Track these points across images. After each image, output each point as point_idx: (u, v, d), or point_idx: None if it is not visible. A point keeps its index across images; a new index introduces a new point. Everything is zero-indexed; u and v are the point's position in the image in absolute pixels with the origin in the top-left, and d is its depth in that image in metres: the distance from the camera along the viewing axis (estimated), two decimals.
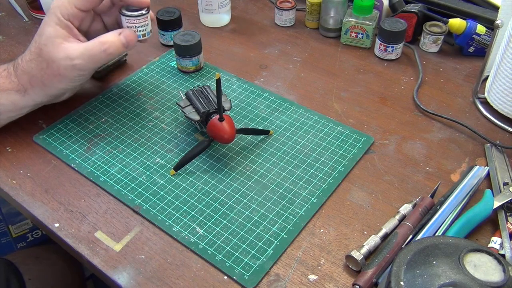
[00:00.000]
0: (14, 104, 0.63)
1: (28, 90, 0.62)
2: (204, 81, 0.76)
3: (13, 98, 0.62)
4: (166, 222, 0.56)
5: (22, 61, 0.62)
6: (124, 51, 0.63)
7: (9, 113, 0.64)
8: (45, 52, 0.60)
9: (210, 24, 0.89)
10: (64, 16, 0.60)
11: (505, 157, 0.62)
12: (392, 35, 0.77)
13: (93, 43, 0.61)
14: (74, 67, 0.61)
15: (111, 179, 0.61)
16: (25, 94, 0.62)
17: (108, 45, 0.60)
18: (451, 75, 0.77)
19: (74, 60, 0.60)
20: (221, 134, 0.58)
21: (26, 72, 0.61)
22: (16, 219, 0.98)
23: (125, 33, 0.62)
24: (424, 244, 0.44)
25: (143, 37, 0.64)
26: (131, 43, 0.62)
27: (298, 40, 0.86)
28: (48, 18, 0.61)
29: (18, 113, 0.65)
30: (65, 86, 0.64)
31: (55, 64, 0.60)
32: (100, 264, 0.52)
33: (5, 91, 0.61)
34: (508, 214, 0.54)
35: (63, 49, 0.60)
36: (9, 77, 0.62)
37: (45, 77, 0.61)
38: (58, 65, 0.60)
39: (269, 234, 0.54)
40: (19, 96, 0.62)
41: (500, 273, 0.41)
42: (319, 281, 0.50)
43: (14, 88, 0.62)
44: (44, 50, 0.60)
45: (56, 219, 0.56)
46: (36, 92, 0.63)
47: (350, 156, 0.63)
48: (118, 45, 0.61)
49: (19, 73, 0.62)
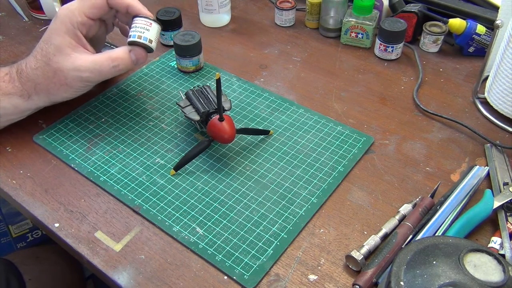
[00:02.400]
0: (16, 107, 0.63)
1: (32, 96, 0.62)
2: (204, 81, 0.76)
3: (16, 102, 0.62)
4: (166, 222, 0.56)
5: (26, 67, 0.62)
6: (133, 67, 0.63)
7: (11, 116, 0.64)
8: (54, 62, 0.60)
9: (210, 24, 0.89)
10: (74, 25, 0.60)
11: (505, 157, 0.62)
12: (392, 35, 0.77)
13: (103, 58, 0.61)
14: (81, 79, 0.61)
15: (111, 179, 0.61)
16: (29, 99, 0.63)
17: (118, 62, 0.61)
18: (451, 75, 0.77)
19: (83, 73, 0.60)
20: (221, 134, 0.58)
21: (31, 79, 0.61)
22: (16, 219, 0.98)
23: (135, 51, 0.62)
24: (424, 244, 0.44)
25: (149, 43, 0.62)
26: (141, 60, 0.63)
27: (298, 40, 0.86)
28: (56, 26, 0.60)
29: (19, 116, 0.65)
30: (69, 96, 0.64)
31: (62, 74, 0.60)
32: (100, 264, 0.52)
33: (8, 95, 0.61)
34: (508, 214, 0.54)
35: (72, 60, 0.60)
36: (12, 81, 0.62)
37: (51, 85, 0.61)
38: (66, 75, 0.60)
39: (269, 234, 0.54)
40: (22, 100, 0.62)
41: (500, 273, 0.41)
42: (319, 281, 0.50)
43: (18, 93, 0.62)
44: (53, 60, 0.60)
45: (56, 219, 0.56)
46: (41, 98, 0.63)
47: (350, 156, 0.63)
48: (128, 62, 0.62)
49: (24, 80, 0.61)
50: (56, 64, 0.60)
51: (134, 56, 0.62)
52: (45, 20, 0.90)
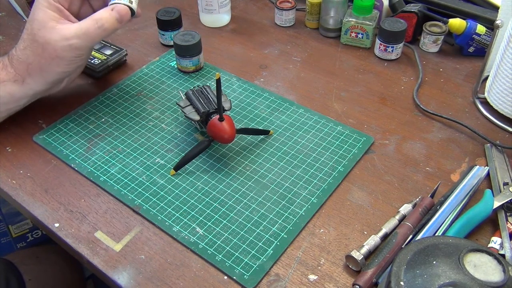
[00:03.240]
0: (11, 95, 0.62)
1: (26, 79, 0.62)
2: (204, 81, 0.76)
3: (11, 89, 0.62)
4: (166, 222, 0.56)
5: (16, 50, 0.62)
6: (119, 27, 0.63)
7: (7, 105, 0.64)
8: (40, 37, 0.60)
9: (210, 24, 0.89)
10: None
11: (505, 157, 0.62)
12: (392, 35, 0.77)
13: (87, 21, 0.61)
14: (71, 47, 0.61)
15: (111, 179, 0.61)
16: (23, 84, 0.62)
17: (103, 21, 0.61)
18: (451, 75, 0.77)
19: (70, 40, 0.60)
20: (221, 134, 0.58)
21: (22, 61, 0.61)
22: (16, 219, 0.98)
23: (117, 8, 0.62)
24: (424, 244, 0.44)
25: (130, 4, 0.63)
26: (124, 17, 0.62)
27: (298, 40, 0.86)
28: (37, 3, 0.60)
29: (16, 104, 0.64)
30: (63, 69, 0.63)
31: (51, 47, 0.60)
32: (100, 264, 0.52)
33: (2, 82, 0.61)
34: (508, 214, 0.54)
35: (57, 30, 0.60)
36: (5, 68, 0.62)
37: (42, 62, 0.61)
38: (54, 47, 0.60)
39: (269, 234, 0.54)
40: (16, 86, 0.62)
41: (500, 273, 0.41)
42: (319, 281, 0.50)
43: (11, 79, 0.62)
44: (38, 35, 0.60)
45: (56, 219, 0.56)
46: (35, 79, 0.62)
47: (350, 156, 0.63)
48: (113, 21, 0.61)
49: (15, 63, 0.61)
50: (42, 38, 0.60)
51: (117, 14, 0.62)
52: None
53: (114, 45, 0.80)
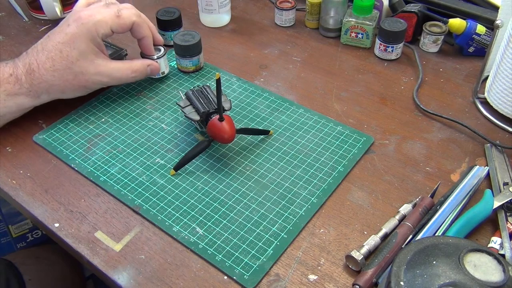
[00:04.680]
0: (20, 106, 0.64)
1: (42, 95, 0.64)
2: (204, 81, 0.76)
3: (22, 102, 0.64)
4: (166, 222, 0.56)
5: (39, 68, 0.62)
6: None
7: (14, 114, 0.65)
8: (77, 66, 0.63)
9: (210, 24, 0.89)
10: (99, 34, 0.63)
11: (505, 157, 0.62)
12: (392, 35, 0.77)
13: (125, 67, 0.67)
14: (101, 83, 0.67)
15: (111, 179, 0.61)
16: (37, 98, 0.64)
17: (137, 73, 0.68)
18: (451, 75, 0.77)
19: (104, 78, 0.66)
20: (221, 134, 0.58)
21: (45, 80, 0.63)
22: (16, 219, 0.98)
23: (152, 67, 0.70)
24: (424, 244, 0.44)
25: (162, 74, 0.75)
26: (154, 74, 0.72)
27: (298, 40, 0.86)
28: (81, 32, 0.62)
29: (22, 113, 0.66)
30: (81, 94, 0.67)
31: (84, 78, 0.64)
32: (100, 264, 0.52)
33: (13, 95, 0.62)
34: (508, 214, 0.54)
35: (95, 65, 0.64)
36: (18, 82, 0.62)
37: (68, 87, 0.64)
38: (87, 79, 0.64)
39: (269, 234, 0.54)
40: (28, 99, 0.64)
41: (500, 273, 0.41)
42: (319, 281, 0.50)
43: (24, 93, 0.63)
44: (76, 64, 0.63)
45: (56, 219, 0.56)
46: (51, 97, 0.66)
47: (350, 156, 0.63)
48: (144, 75, 0.70)
49: (36, 81, 0.62)
50: (79, 68, 0.63)
51: (150, 71, 0.70)
52: (45, 20, 0.90)
53: (114, 45, 0.80)
